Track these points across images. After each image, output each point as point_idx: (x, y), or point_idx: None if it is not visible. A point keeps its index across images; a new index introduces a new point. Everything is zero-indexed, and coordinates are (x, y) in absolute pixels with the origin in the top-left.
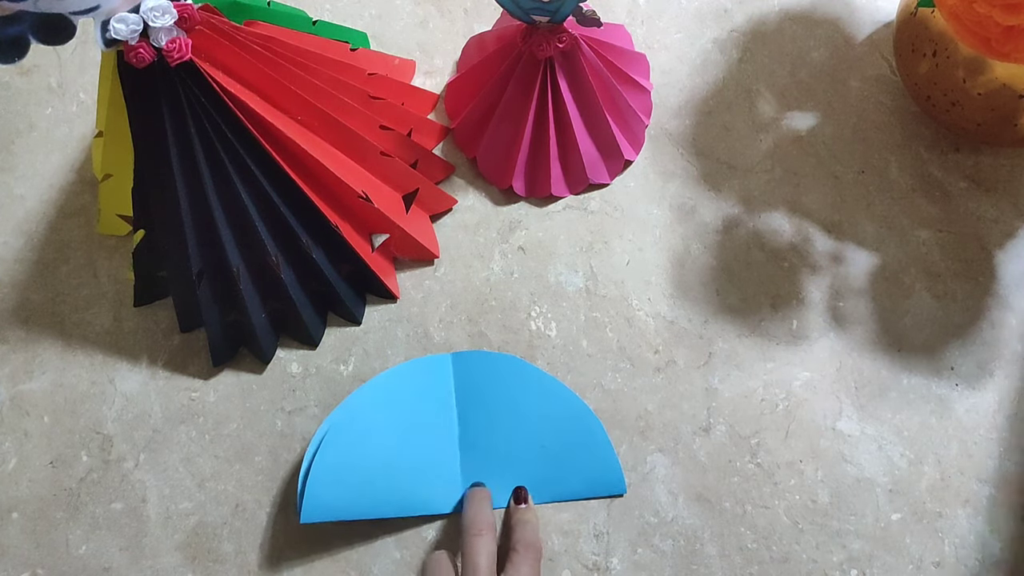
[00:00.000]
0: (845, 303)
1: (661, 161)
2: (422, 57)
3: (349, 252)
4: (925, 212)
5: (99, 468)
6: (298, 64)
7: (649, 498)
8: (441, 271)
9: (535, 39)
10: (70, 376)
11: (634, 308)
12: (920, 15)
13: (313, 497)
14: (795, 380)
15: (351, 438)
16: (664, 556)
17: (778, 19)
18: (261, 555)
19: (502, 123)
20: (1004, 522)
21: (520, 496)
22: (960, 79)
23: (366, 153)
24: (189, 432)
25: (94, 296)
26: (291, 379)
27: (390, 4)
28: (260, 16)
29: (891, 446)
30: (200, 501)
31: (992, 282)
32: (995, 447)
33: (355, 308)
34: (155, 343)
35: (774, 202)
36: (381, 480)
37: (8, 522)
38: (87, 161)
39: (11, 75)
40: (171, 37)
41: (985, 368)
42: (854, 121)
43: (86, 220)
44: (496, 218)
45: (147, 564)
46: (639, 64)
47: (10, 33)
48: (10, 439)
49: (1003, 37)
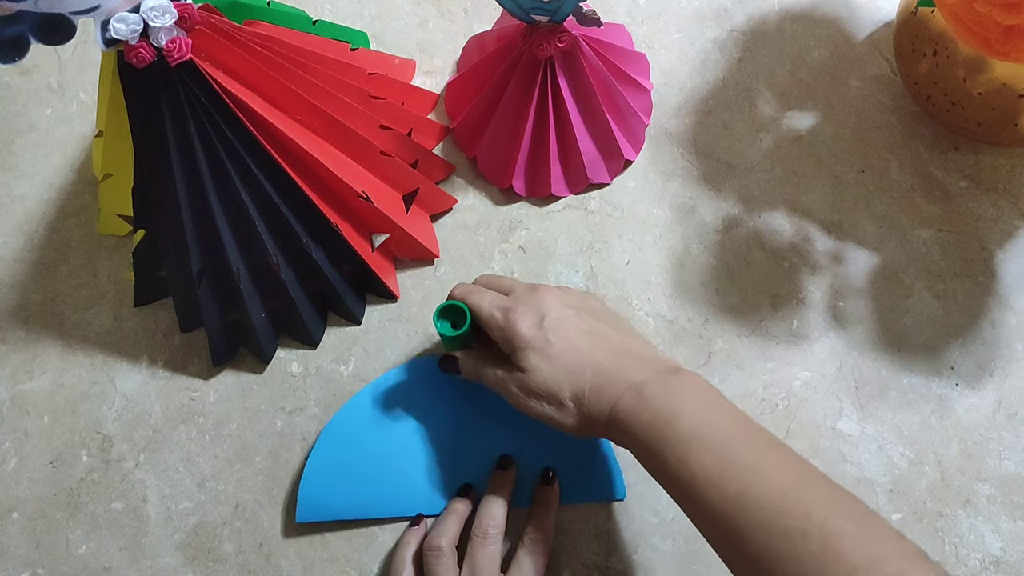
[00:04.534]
0: (845, 303)
1: (661, 161)
2: (422, 57)
3: (349, 252)
4: (925, 212)
5: (99, 468)
6: (298, 64)
7: (649, 498)
8: (441, 271)
9: (535, 39)
10: (70, 376)
11: (634, 308)
12: (920, 15)
13: (308, 496)
14: (795, 380)
15: (347, 438)
16: (664, 556)
17: (778, 19)
18: (261, 555)
19: (502, 123)
20: (1004, 522)
21: (547, 477)
22: (960, 79)
23: (366, 153)
24: (189, 432)
25: (94, 296)
26: (291, 379)
27: (390, 4)
28: (260, 16)
29: (891, 446)
30: (200, 501)
31: (992, 282)
32: (995, 447)
33: (355, 308)
34: (155, 343)
35: (774, 202)
36: (379, 480)
37: (8, 522)
38: (87, 161)
39: (11, 75)
40: (171, 37)
41: (985, 368)
42: (854, 121)
43: (86, 220)
44: (496, 218)
45: (147, 564)
46: (639, 64)
47: (10, 33)
48: (10, 439)
49: (1003, 36)
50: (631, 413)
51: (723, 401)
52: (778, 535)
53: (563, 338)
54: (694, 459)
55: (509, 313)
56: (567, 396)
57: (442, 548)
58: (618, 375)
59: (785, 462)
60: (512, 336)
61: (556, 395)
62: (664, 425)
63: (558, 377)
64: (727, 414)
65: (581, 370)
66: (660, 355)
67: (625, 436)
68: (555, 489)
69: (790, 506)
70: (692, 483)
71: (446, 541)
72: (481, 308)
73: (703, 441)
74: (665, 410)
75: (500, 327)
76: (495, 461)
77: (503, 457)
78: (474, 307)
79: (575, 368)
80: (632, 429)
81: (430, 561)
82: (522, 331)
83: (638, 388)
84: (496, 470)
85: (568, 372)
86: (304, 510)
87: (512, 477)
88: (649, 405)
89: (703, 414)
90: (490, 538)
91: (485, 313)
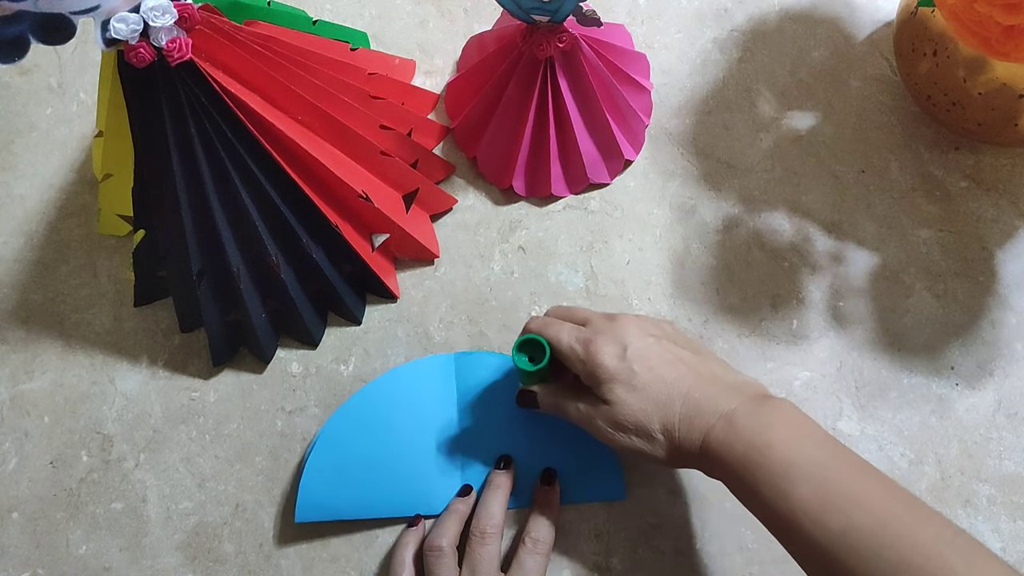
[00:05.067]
0: (845, 303)
1: (661, 161)
2: (422, 57)
3: (349, 252)
4: (925, 212)
5: (99, 468)
6: (298, 64)
7: (649, 498)
8: (441, 271)
9: (535, 39)
10: (70, 376)
11: (634, 308)
12: (920, 15)
13: (308, 496)
14: (795, 380)
15: (348, 438)
16: (664, 556)
17: (778, 19)
18: (261, 555)
19: (502, 123)
20: (1004, 522)
21: (547, 477)
22: (960, 79)
23: (366, 153)
24: (189, 432)
25: (94, 296)
26: (291, 379)
27: (390, 4)
28: (260, 16)
29: (891, 446)
30: (200, 501)
31: (992, 281)
32: (995, 447)
33: (355, 308)
34: (155, 343)
35: (774, 202)
36: (380, 480)
37: (8, 522)
38: (87, 161)
39: (11, 75)
40: (171, 37)
41: (985, 368)
42: (854, 121)
43: (86, 220)
44: (496, 218)
45: (147, 564)
46: (639, 64)
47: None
48: (10, 439)
49: (1003, 36)
50: (723, 444)
51: (816, 428)
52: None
53: (648, 368)
54: (793, 492)
55: (590, 345)
56: (657, 428)
57: (443, 548)
58: (707, 404)
59: (887, 492)
60: (595, 368)
61: (646, 428)
62: (758, 455)
63: (647, 409)
64: (821, 442)
65: (670, 401)
66: (745, 379)
67: (718, 467)
68: (555, 489)
69: (896, 539)
70: (792, 517)
71: (447, 541)
72: (560, 341)
73: (801, 472)
74: (758, 440)
75: (582, 360)
76: (495, 461)
77: (502, 457)
78: (553, 340)
79: (664, 399)
80: (725, 460)
81: (431, 561)
82: (606, 363)
83: (729, 417)
84: (495, 470)
85: (657, 404)
86: (304, 510)
87: (511, 477)
88: (742, 435)
89: (798, 443)
90: (489, 538)
91: (565, 346)
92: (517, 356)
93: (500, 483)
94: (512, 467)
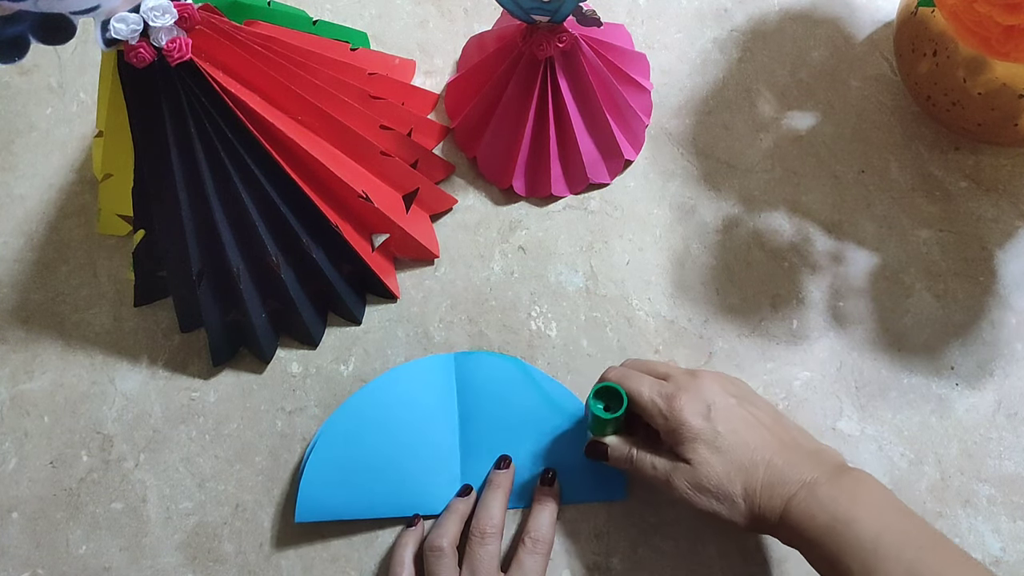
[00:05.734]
0: (845, 303)
1: (661, 161)
2: (422, 57)
3: (349, 252)
4: (925, 212)
5: (99, 468)
6: (298, 64)
7: (650, 498)
8: (441, 271)
9: (535, 39)
10: (70, 376)
11: (634, 308)
12: (920, 15)
13: (308, 496)
14: (795, 380)
15: (348, 438)
16: (664, 556)
17: (778, 19)
18: (261, 555)
19: (502, 123)
20: (1004, 522)
21: (547, 477)
22: (960, 79)
23: (366, 153)
24: (189, 432)
25: (94, 296)
26: (291, 379)
27: (390, 4)
28: (260, 16)
29: (891, 446)
30: (200, 501)
31: (992, 282)
32: (995, 447)
33: (355, 308)
34: (155, 343)
35: (774, 202)
36: (380, 480)
37: (8, 522)
38: (87, 161)
39: (11, 75)
40: (171, 37)
41: (985, 368)
42: (854, 121)
43: (86, 220)
44: (496, 218)
45: (147, 564)
46: (639, 64)
47: (10, 33)
48: (10, 439)
49: (1003, 37)
50: (804, 513)
51: (898, 503)
52: None
53: (732, 431)
54: (880, 568)
55: (673, 400)
56: (739, 493)
57: (443, 548)
58: (790, 472)
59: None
60: (678, 426)
61: (728, 491)
62: (843, 528)
63: (731, 472)
64: (905, 518)
65: (753, 466)
66: (823, 446)
67: (797, 536)
68: (555, 489)
69: None
70: None
71: (447, 541)
72: (642, 394)
73: (889, 551)
74: (842, 513)
75: (663, 415)
76: (495, 461)
77: (502, 457)
78: (633, 392)
79: (747, 464)
80: (807, 531)
81: (431, 561)
82: (690, 421)
83: (811, 488)
84: (495, 470)
85: (740, 468)
86: (304, 510)
87: (510, 477)
88: (825, 507)
89: (883, 518)
90: (488, 538)
91: (647, 399)
92: (593, 403)
93: (500, 483)
94: (512, 467)
